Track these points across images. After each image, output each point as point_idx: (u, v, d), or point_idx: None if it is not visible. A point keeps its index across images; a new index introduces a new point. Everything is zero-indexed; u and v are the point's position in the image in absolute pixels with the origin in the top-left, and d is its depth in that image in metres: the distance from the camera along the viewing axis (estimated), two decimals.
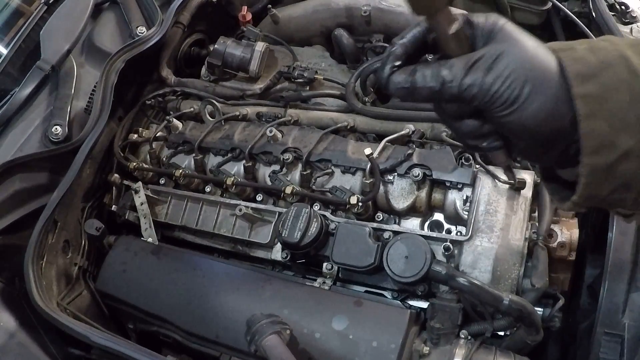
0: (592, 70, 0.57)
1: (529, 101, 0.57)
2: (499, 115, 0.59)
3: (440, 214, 1.45)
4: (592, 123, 0.56)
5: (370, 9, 1.83)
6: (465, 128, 0.66)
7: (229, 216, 1.56)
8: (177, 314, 1.43)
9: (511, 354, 1.22)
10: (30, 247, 1.37)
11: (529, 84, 0.57)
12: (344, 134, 1.62)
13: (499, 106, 0.58)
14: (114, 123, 1.77)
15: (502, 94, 0.58)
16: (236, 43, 1.81)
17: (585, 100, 0.56)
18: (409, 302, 1.37)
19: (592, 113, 0.56)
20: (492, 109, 0.59)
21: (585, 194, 0.59)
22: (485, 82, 0.58)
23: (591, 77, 0.56)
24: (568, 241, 1.35)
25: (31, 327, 1.31)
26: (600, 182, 0.58)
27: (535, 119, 0.58)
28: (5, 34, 2.03)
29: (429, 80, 0.61)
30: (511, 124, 0.59)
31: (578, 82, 0.56)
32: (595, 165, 0.57)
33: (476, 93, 0.58)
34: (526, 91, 0.57)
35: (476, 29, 0.62)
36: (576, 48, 0.59)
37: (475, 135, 0.66)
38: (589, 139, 0.56)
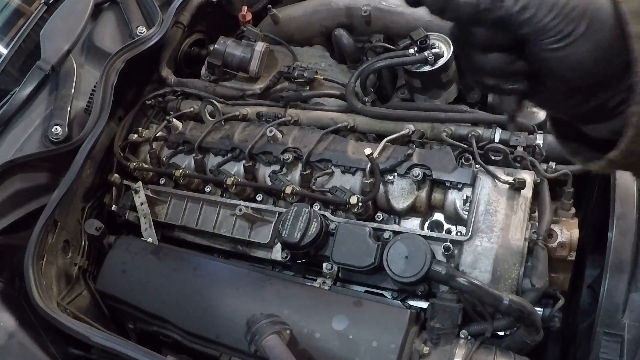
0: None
1: (585, 37, 0.52)
2: (548, 48, 0.53)
3: (440, 214, 1.45)
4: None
5: (370, 9, 1.84)
6: (490, 63, 0.59)
7: (229, 216, 1.56)
8: (177, 314, 1.43)
9: (511, 354, 1.22)
10: (30, 247, 1.37)
11: (586, 19, 0.52)
12: (344, 134, 1.62)
13: (550, 37, 0.53)
14: (114, 123, 1.77)
15: (557, 25, 0.52)
16: (236, 43, 1.81)
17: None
18: (409, 302, 1.37)
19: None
20: (541, 41, 0.53)
21: (629, 149, 0.54)
22: (543, 6, 0.52)
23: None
24: (568, 241, 1.35)
25: (31, 327, 1.31)
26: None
27: (588, 58, 0.53)
28: (5, 34, 2.03)
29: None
30: (560, 61, 0.54)
31: (634, 20, 0.52)
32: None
33: (530, 17, 0.52)
34: (583, 26, 0.52)
35: None
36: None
37: (501, 72, 0.59)
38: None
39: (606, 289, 1.24)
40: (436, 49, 1.55)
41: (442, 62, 1.56)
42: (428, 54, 1.54)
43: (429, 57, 1.54)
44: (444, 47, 1.57)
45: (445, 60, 1.55)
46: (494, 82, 0.60)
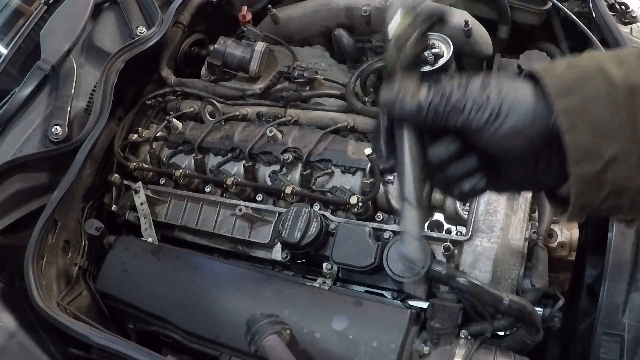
0: (571, 85, 0.59)
1: (510, 116, 0.60)
2: (483, 137, 0.61)
3: (440, 214, 1.45)
4: (575, 134, 0.58)
5: (370, 9, 1.83)
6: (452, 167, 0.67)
7: (229, 216, 1.56)
8: (177, 314, 1.43)
9: (511, 354, 1.22)
10: (30, 247, 1.37)
11: (506, 104, 0.60)
12: (344, 134, 1.62)
13: (481, 127, 0.60)
14: (114, 123, 1.77)
15: (478, 114, 0.60)
16: (236, 43, 1.81)
17: (567, 114, 0.58)
18: (409, 302, 1.37)
19: (574, 125, 0.58)
20: (474, 131, 0.61)
21: (579, 203, 0.62)
22: (467, 104, 0.60)
23: (570, 92, 0.59)
24: (568, 241, 1.35)
25: (31, 327, 1.31)
26: (591, 191, 0.60)
27: (519, 134, 0.60)
28: (5, 34, 2.03)
29: (419, 95, 0.63)
30: (496, 138, 0.61)
31: (558, 97, 0.59)
32: (583, 174, 0.59)
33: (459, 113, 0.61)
34: (505, 108, 0.60)
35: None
36: (556, 67, 0.62)
37: (462, 172, 0.67)
38: (573, 149, 0.59)
39: (606, 288, 1.24)
40: (436, 49, 1.55)
41: (442, 62, 1.55)
42: (428, 54, 1.54)
43: (429, 57, 1.54)
44: (444, 47, 1.57)
45: (445, 60, 1.55)
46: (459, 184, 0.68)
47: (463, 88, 0.62)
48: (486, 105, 0.60)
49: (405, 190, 0.68)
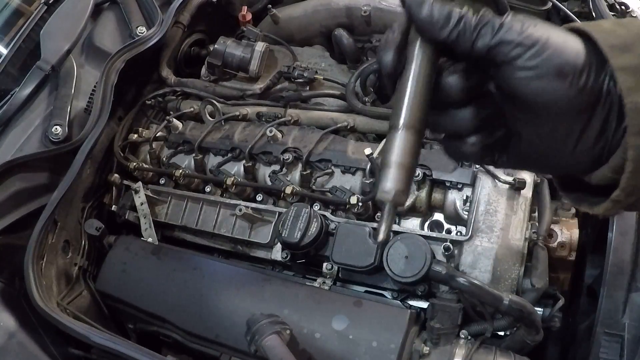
0: (627, 42, 0.52)
1: (556, 56, 0.51)
2: (519, 71, 0.51)
3: (440, 214, 1.45)
4: (637, 96, 0.50)
5: (370, 9, 1.83)
6: (461, 118, 0.56)
7: (229, 216, 1.56)
8: (177, 314, 1.43)
9: (511, 354, 1.22)
10: (30, 247, 1.37)
11: (554, 40, 0.51)
12: (344, 134, 1.62)
13: (517, 57, 0.51)
14: (114, 123, 1.77)
15: (522, 42, 0.51)
16: (236, 43, 1.81)
17: (627, 72, 0.50)
18: (409, 302, 1.37)
19: (635, 86, 0.50)
20: (509, 59, 0.51)
21: (631, 185, 0.52)
22: (504, 23, 0.51)
23: (628, 49, 0.51)
24: (568, 241, 1.35)
25: (31, 327, 1.31)
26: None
27: (564, 78, 0.51)
28: (5, 34, 2.03)
29: (452, 5, 0.53)
30: (534, 84, 0.51)
31: (614, 53, 0.51)
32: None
33: (494, 30, 0.51)
34: (551, 45, 0.51)
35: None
36: (602, 24, 0.54)
37: (479, 123, 0.56)
38: (635, 115, 0.50)
39: (606, 288, 1.24)
40: None
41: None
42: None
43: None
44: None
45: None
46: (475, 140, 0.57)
47: (503, 14, 0.52)
48: (529, 36, 0.50)
49: (403, 112, 0.54)
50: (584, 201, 0.60)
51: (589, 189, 0.59)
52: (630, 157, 0.51)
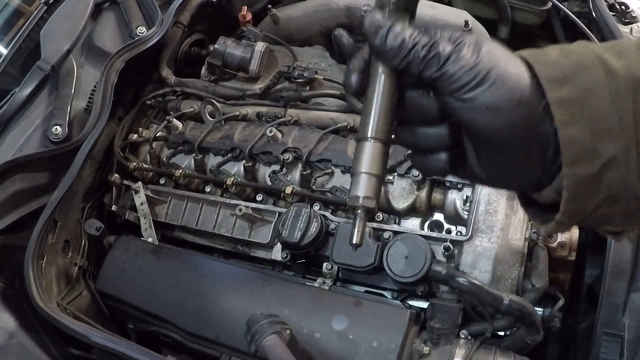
0: (567, 74, 0.53)
1: (494, 87, 0.52)
2: (456, 102, 0.54)
3: (440, 214, 1.45)
4: (571, 130, 0.52)
5: (370, 9, 1.83)
6: (435, 135, 0.59)
7: (229, 216, 1.56)
8: (177, 314, 1.43)
9: (511, 354, 1.22)
10: (30, 247, 1.37)
11: (493, 73, 0.53)
12: (344, 134, 1.62)
13: (456, 90, 0.53)
14: (114, 123, 1.77)
15: (462, 75, 0.53)
16: (236, 43, 1.81)
17: (562, 106, 0.52)
18: (409, 302, 1.37)
19: (570, 119, 0.52)
20: (450, 86, 0.54)
21: (570, 210, 0.54)
22: (450, 57, 0.53)
23: (567, 81, 0.52)
24: (568, 241, 1.35)
25: (31, 327, 1.31)
26: (586, 195, 0.54)
27: (500, 111, 0.53)
28: (5, 34, 2.03)
29: (406, 34, 0.55)
30: (473, 107, 0.53)
31: (553, 86, 0.52)
32: (578, 175, 0.52)
33: (439, 64, 0.53)
34: (491, 78, 0.52)
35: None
36: (548, 53, 0.55)
37: (428, 139, 0.60)
38: (569, 147, 0.52)
39: (606, 289, 1.24)
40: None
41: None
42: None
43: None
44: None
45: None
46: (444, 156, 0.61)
47: (454, 41, 0.54)
48: (474, 65, 0.52)
49: (369, 126, 0.58)
50: (538, 217, 0.62)
51: (542, 205, 0.61)
52: (566, 186, 0.53)
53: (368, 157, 0.59)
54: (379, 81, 0.58)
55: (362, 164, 0.59)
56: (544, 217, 0.61)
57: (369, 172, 0.59)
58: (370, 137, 0.58)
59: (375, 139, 0.58)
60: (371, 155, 0.59)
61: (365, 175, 0.59)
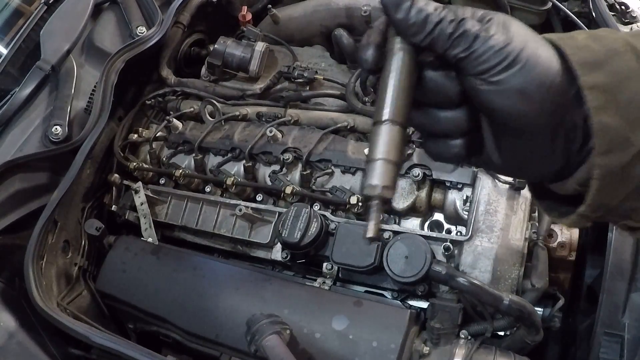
0: (599, 58, 0.50)
1: (523, 72, 0.50)
2: (482, 85, 0.51)
3: (440, 214, 1.45)
4: (604, 117, 0.49)
5: (370, 9, 1.83)
6: (453, 119, 0.56)
7: (229, 216, 1.56)
8: (177, 314, 1.43)
9: (511, 354, 1.22)
10: (30, 247, 1.37)
11: (523, 56, 0.50)
12: (344, 134, 1.62)
13: (484, 72, 0.50)
14: (114, 123, 1.77)
15: (491, 57, 0.50)
16: (236, 43, 1.81)
17: (595, 91, 0.49)
18: (409, 302, 1.37)
19: (603, 105, 0.49)
20: (476, 69, 0.51)
21: (596, 202, 0.52)
22: (479, 36, 0.50)
23: (599, 66, 0.50)
24: (568, 241, 1.35)
25: (31, 327, 1.31)
26: (614, 187, 0.51)
27: (531, 95, 0.50)
28: (5, 34, 2.03)
29: (431, 9, 0.51)
30: (501, 90, 0.50)
31: (585, 71, 0.50)
32: (610, 165, 0.50)
33: (467, 43, 0.50)
34: (520, 61, 0.50)
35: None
36: (576, 37, 0.53)
37: (446, 124, 0.56)
38: (601, 135, 0.49)
39: (606, 288, 1.24)
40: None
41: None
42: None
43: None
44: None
45: None
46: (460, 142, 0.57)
47: (481, 19, 0.51)
48: (504, 46, 0.49)
49: (386, 108, 0.54)
50: (555, 210, 0.60)
51: (560, 198, 0.59)
52: (596, 176, 0.50)
53: (385, 142, 0.53)
54: (397, 59, 0.54)
55: (378, 150, 0.54)
56: (560, 210, 0.58)
57: (386, 159, 0.53)
58: (387, 120, 0.53)
59: (393, 122, 0.53)
60: (388, 139, 0.54)
61: (382, 162, 0.53)
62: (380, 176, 0.54)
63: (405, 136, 0.55)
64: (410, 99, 0.55)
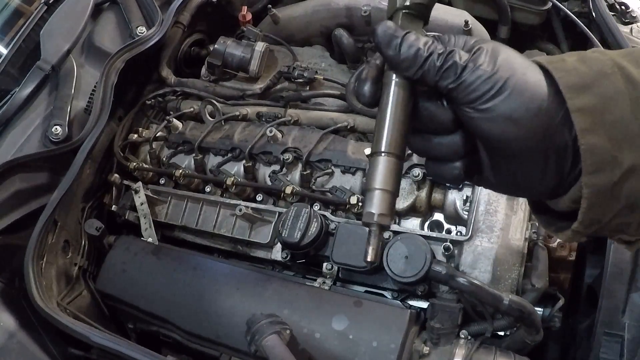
0: (587, 81, 0.52)
1: (512, 97, 0.52)
2: (472, 113, 0.53)
3: (440, 214, 1.45)
4: (591, 138, 0.51)
5: (370, 9, 1.83)
6: (450, 144, 0.58)
7: (229, 216, 1.56)
8: (177, 314, 1.43)
9: (511, 354, 1.22)
10: (30, 247, 1.37)
11: (511, 83, 0.52)
12: (344, 134, 1.62)
13: (473, 101, 0.53)
14: (114, 123, 1.77)
15: (479, 86, 0.52)
16: (236, 43, 1.81)
17: (583, 113, 0.51)
18: (409, 302, 1.37)
19: (590, 127, 0.51)
20: (466, 97, 0.53)
21: (588, 219, 0.54)
22: (467, 67, 0.53)
23: (586, 89, 0.52)
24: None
25: (31, 327, 1.31)
26: (604, 205, 0.53)
27: (519, 121, 0.52)
28: (5, 34, 2.03)
29: (421, 43, 0.54)
30: (491, 117, 0.53)
31: (572, 94, 0.52)
32: (598, 184, 0.52)
33: (456, 74, 0.53)
34: (508, 88, 0.52)
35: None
36: (566, 60, 0.55)
37: (443, 149, 0.59)
38: (589, 155, 0.51)
39: (606, 288, 1.24)
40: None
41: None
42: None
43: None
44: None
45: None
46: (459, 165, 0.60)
47: (470, 49, 0.54)
48: (491, 75, 0.52)
49: (383, 140, 0.57)
50: (552, 225, 0.62)
51: (557, 213, 0.61)
52: (586, 195, 0.52)
53: (382, 173, 0.58)
54: (393, 92, 0.58)
55: (376, 180, 0.58)
56: (558, 225, 0.60)
57: (383, 189, 0.58)
58: (384, 152, 0.58)
59: (389, 154, 0.58)
60: (385, 170, 0.58)
61: (380, 192, 0.58)
62: (378, 205, 0.58)
63: (402, 167, 0.60)
64: (407, 129, 0.59)
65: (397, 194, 0.59)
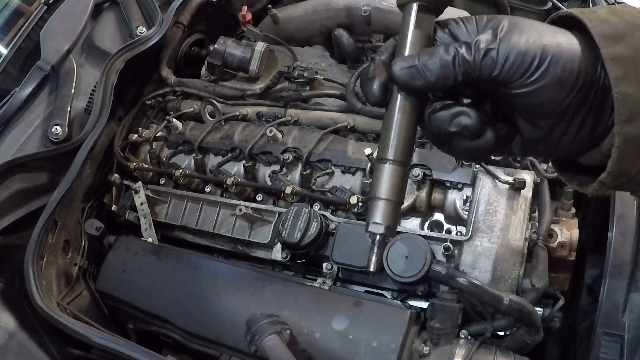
0: (620, 31, 0.53)
1: (549, 72, 0.53)
2: (518, 92, 0.54)
3: (440, 214, 1.45)
4: (625, 87, 0.52)
5: (370, 9, 1.83)
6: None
7: (229, 216, 1.56)
8: (177, 314, 1.43)
9: (511, 354, 1.22)
10: (30, 247, 1.37)
11: (547, 55, 0.53)
12: (344, 134, 1.62)
13: (519, 78, 0.53)
14: (114, 123, 1.77)
15: (521, 62, 0.53)
16: (236, 43, 1.81)
17: (616, 63, 0.52)
18: (409, 302, 1.37)
19: (624, 76, 0.52)
20: (510, 83, 0.54)
21: (617, 169, 0.54)
22: (500, 50, 0.53)
23: (619, 39, 0.53)
24: (568, 241, 1.35)
25: (31, 327, 1.31)
26: (634, 155, 0.53)
27: (563, 86, 0.53)
28: (5, 34, 2.03)
29: (439, 54, 0.54)
30: (533, 98, 0.54)
31: (606, 43, 0.52)
32: (630, 134, 0.52)
33: (494, 61, 0.53)
34: (545, 62, 0.53)
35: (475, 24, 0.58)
36: (597, 11, 0.56)
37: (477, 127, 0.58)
38: (622, 104, 0.52)
39: (606, 289, 1.24)
40: None
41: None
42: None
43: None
44: None
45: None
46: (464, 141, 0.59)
47: (493, 33, 0.54)
48: (526, 52, 0.52)
49: (390, 147, 0.57)
50: (575, 180, 0.63)
51: (581, 169, 0.62)
52: (617, 144, 0.53)
53: (388, 182, 0.57)
54: (402, 97, 0.57)
55: (382, 190, 0.58)
56: (581, 179, 0.61)
57: (388, 199, 0.57)
58: (390, 160, 0.57)
59: (396, 162, 0.57)
60: (391, 180, 0.57)
61: (385, 202, 0.57)
62: (384, 216, 0.58)
63: (407, 176, 0.60)
64: (414, 138, 0.58)
65: (402, 203, 0.59)
